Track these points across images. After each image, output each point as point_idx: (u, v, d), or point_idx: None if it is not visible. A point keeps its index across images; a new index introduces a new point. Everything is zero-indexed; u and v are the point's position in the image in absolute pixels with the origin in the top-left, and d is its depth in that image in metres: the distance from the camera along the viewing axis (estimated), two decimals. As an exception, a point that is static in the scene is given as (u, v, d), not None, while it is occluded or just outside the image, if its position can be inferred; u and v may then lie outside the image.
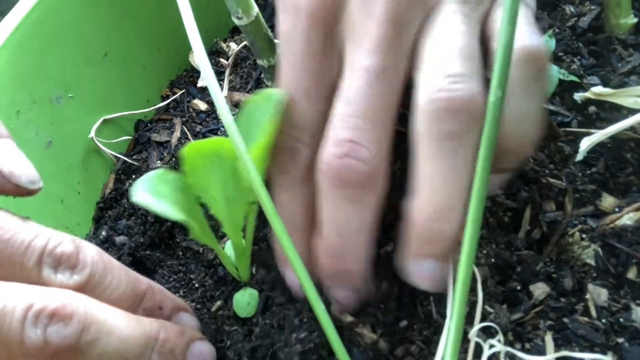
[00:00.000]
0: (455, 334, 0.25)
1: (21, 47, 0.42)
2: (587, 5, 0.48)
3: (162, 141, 0.49)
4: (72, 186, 0.45)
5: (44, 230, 0.28)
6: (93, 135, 0.47)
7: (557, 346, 0.31)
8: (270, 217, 0.29)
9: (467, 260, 0.25)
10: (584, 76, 0.43)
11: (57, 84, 0.45)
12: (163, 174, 0.32)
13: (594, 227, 0.36)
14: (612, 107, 0.40)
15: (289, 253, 0.29)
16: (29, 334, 0.24)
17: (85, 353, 0.25)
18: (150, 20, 0.53)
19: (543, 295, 0.34)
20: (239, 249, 0.35)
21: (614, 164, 0.38)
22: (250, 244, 0.35)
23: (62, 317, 0.25)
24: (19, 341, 0.24)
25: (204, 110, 0.51)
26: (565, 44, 0.45)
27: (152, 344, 0.29)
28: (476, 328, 0.31)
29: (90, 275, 0.29)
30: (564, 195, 0.38)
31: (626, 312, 0.32)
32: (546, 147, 0.40)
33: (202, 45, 0.31)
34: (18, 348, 0.24)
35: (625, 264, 0.33)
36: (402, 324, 0.34)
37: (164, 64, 0.55)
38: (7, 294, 0.25)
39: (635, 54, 0.43)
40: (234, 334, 0.35)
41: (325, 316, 0.28)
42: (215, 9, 0.57)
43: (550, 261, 0.35)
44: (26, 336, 0.24)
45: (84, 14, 0.47)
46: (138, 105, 0.52)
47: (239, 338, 0.34)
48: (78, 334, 0.25)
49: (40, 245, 0.27)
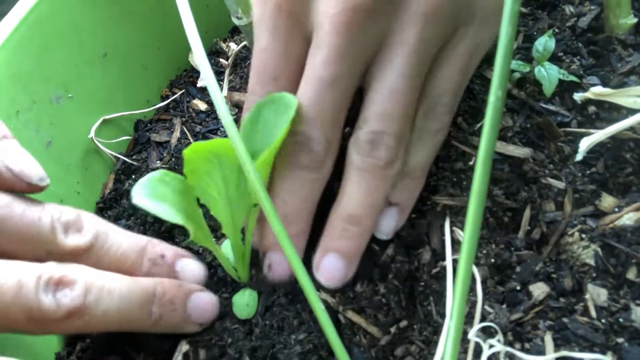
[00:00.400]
0: (455, 334, 0.25)
1: (21, 47, 0.42)
2: (587, 5, 0.48)
3: (162, 141, 0.49)
4: (72, 186, 0.45)
5: (47, 203, 0.32)
6: (93, 136, 0.47)
7: (557, 346, 0.31)
8: (270, 216, 0.29)
9: (466, 260, 0.25)
10: (584, 76, 0.43)
11: (56, 84, 0.45)
12: (163, 176, 0.32)
13: (594, 227, 0.36)
14: (611, 107, 0.40)
15: (286, 248, 0.29)
16: (43, 300, 0.29)
17: (92, 312, 0.30)
18: (150, 20, 0.53)
19: (543, 295, 0.34)
20: (238, 250, 0.35)
21: (614, 164, 0.38)
22: (249, 245, 0.35)
23: (67, 284, 0.30)
24: (37, 307, 0.28)
25: (204, 110, 0.51)
26: (565, 44, 0.45)
27: (150, 298, 0.32)
28: (476, 328, 0.31)
29: (95, 235, 0.33)
30: (563, 195, 0.38)
31: (626, 312, 0.32)
32: (546, 147, 0.40)
33: (202, 45, 0.31)
34: (38, 313, 0.28)
35: (624, 264, 0.33)
36: (402, 324, 0.35)
37: (163, 64, 0.55)
38: (19, 270, 0.29)
39: (634, 54, 0.43)
40: (235, 332, 0.35)
41: (325, 316, 0.28)
42: (215, 9, 0.57)
43: (549, 261, 0.35)
44: (41, 302, 0.28)
45: (83, 14, 0.46)
46: (138, 105, 0.52)
47: (239, 336, 0.34)
48: (83, 295, 0.30)
49: (49, 214, 0.32)
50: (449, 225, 0.37)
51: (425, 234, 0.37)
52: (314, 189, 0.35)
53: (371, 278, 0.36)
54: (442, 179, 0.39)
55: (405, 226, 0.38)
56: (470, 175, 0.38)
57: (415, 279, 0.36)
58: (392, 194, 0.36)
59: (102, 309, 0.30)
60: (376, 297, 0.35)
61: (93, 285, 0.30)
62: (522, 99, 0.43)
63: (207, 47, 0.56)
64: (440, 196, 0.38)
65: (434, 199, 0.38)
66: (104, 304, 0.30)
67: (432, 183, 0.39)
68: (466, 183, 0.39)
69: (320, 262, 0.35)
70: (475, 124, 0.42)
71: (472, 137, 0.41)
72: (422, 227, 0.38)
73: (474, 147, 0.40)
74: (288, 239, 0.29)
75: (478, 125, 0.42)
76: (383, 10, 0.33)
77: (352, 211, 0.34)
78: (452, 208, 0.38)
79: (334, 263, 0.34)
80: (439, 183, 0.39)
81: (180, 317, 0.34)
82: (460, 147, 0.41)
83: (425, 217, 0.38)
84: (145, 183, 0.31)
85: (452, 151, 0.40)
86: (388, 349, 0.34)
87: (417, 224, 0.38)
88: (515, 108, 0.42)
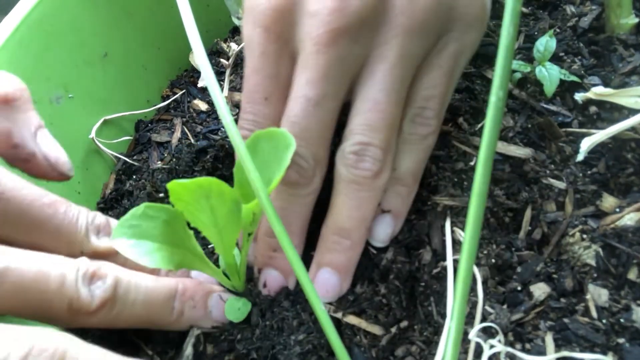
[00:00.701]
0: (456, 334, 0.25)
1: (21, 47, 0.42)
2: (588, 5, 0.48)
3: (163, 141, 0.49)
4: (73, 186, 0.45)
5: (81, 208, 0.35)
6: (93, 136, 0.47)
7: (558, 346, 0.31)
8: (273, 224, 0.29)
9: (467, 260, 0.25)
10: (585, 76, 0.43)
11: (57, 84, 0.45)
12: (146, 210, 0.32)
13: (595, 228, 0.35)
14: (612, 107, 0.40)
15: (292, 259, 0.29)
16: (82, 291, 0.31)
17: (121, 304, 0.32)
18: (150, 21, 0.53)
19: (543, 295, 0.33)
20: (232, 269, 0.35)
21: (615, 164, 0.38)
22: (245, 260, 0.35)
23: (100, 277, 0.32)
24: (77, 297, 0.30)
25: (205, 110, 0.51)
26: (566, 44, 0.45)
27: (172, 293, 0.34)
28: (477, 328, 0.31)
29: None
30: (564, 195, 0.38)
31: (627, 312, 0.32)
32: (547, 147, 0.40)
33: (202, 45, 0.31)
34: (77, 304, 0.30)
35: (625, 265, 0.33)
36: (403, 324, 0.34)
37: (164, 64, 0.55)
38: (62, 263, 0.31)
39: (636, 54, 0.43)
40: (244, 331, 0.35)
41: (325, 316, 0.28)
42: (215, 9, 0.57)
43: (550, 261, 0.35)
44: (80, 292, 0.31)
45: (84, 14, 0.46)
46: (138, 105, 0.52)
47: (247, 335, 0.34)
48: (113, 288, 0.32)
49: (85, 216, 0.35)
50: (449, 226, 0.37)
51: (426, 234, 0.37)
52: (303, 204, 0.36)
53: (372, 278, 0.36)
54: (443, 179, 0.39)
55: (406, 227, 0.38)
56: (471, 175, 0.38)
57: (415, 279, 0.36)
58: (384, 201, 0.37)
59: (130, 301, 0.32)
60: (377, 297, 0.35)
61: (122, 280, 0.32)
62: (523, 99, 0.43)
63: (207, 47, 0.56)
64: (440, 196, 0.38)
65: (435, 199, 0.38)
66: (131, 297, 0.32)
67: (432, 183, 0.39)
68: (467, 183, 0.39)
69: (315, 277, 0.36)
70: (476, 124, 0.42)
71: (473, 137, 0.41)
72: (423, 227, 0.38)
73: (474, 148, 0.40)
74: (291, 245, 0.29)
75: (479, 126, 0.42)
76: (365, 28, 0.34)
77: (342, 224, 0.35)
78: (452, 208, 0.38)
79: (327, 277, 0.35)
80: (439, 183, 0.39)
81: (201, 314, 0.35)
82: (461, 148, 0.41)
83: (425, 217, 0.38)
84: (126, 222, 0.31)
85: (453, 151, 0.40)
86: (388, 349, 0.34)
87: (417, 224, 0.38)
88: (516, 108, 0.42)
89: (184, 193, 0.30)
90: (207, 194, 0.30)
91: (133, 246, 0.31)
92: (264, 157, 0.33)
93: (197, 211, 0.31)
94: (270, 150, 0.33)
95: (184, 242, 0.33)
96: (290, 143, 0.32)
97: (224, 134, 0.47)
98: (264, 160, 0.33)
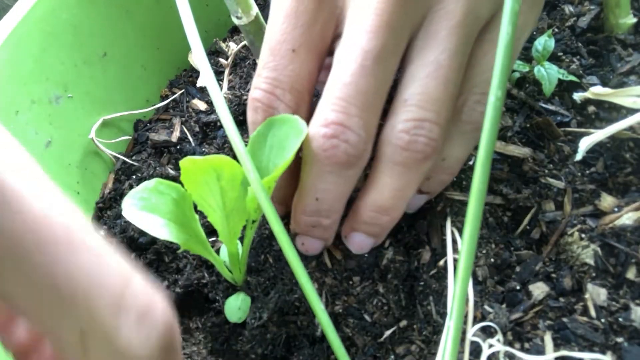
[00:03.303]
0: (455, 333, 0.25)
1: (20, 47, 0.42)
2: (587, 5, 0.48)
3: (162, 141, 0.49)
4: (72, 186, 0.45)
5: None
6: (93, 136, 0.47)
7: (557, 346, 0.31)
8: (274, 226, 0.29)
9: (466, 260, 0.25)
10: (583, 76, 0.43)
11: (56, 84, 0.45)
12: (157, 185, 0.31)
13: (593, 227, 0.36)
14: (611, 107, 0.40)
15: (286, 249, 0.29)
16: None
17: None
18: (149, 20, 0.53)
19: (542, 295, 0.34)
20: (234, 258, 0.35)
21: (613, 163, 0.38)
22: (247, 252, 0.35)
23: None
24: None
25: (204, 110, 0.51)
26: (564, 43, 0.45)
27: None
28: (476, 328, 0.31)
29: None
30: (563, 195, 0.38)
31: (625, 311, 0.32)
32: (545, 146, 0.40)
33: (202, 45, 0.31)
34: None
35: (624, 264, 0.33)
36: (402, 323, 0.35)
37: (163, 64, 0.55)
38: None
39: (634, 53, 0.43)
40: None
41: (325, 316, 0.28)
42: (215, 9, 0.57)
43: (549, 261, 0.35)
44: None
45: (83, 14, 0.46)
46: (137, 105, 0.52)
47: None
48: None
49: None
50: (449, 225, 0.37)
51: (425, 233, 0.37)
52: (350, 184, 0.32)
53: (371, 278, 0.36)
54: (442, 179, 0.39)
55: (405, 226, 0.38)
56: (470, 174, 0.38)
57: (415, 278, 0.36)
58: (426, 185, 0.35)
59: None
60: (376, 296, 0.35)
61: None
62: (521, 98, 0.43)
63: (206, 47, 0.56)
64: (440, 196, 0.38)
65: (434, 199, 0.38)
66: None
67: (431, 183, 0.39)
68: (466, 183, 0.39)
69: (349, 236, 0.35)
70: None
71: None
72: (422, 227, 0.38)
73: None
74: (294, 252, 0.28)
75: (478, 125, 0.42)
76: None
77: (382, 204, 0.32)
78: (452, 208, 0.38)
79: (362, 239, 0.35)
80: (438, 183, 0.39)
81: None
82: (460, 147, 0.41)
83: (425, 217, 0.38)
84: (137, 193, 0.31)
85: (452, 151, 0.40)
86: (388, 349, 0.34)
87: (417, 224, 0.38)
88: (515, 108, 0.43)
89: (195, 171, 0.29)
90: (219, 175, 0.29)
91: (143, 218, 0.30)
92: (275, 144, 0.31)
93: (205, 194, 0.30)
94: (282, 136, 0.31)
95: (190, 224, 0.32)
96: (303, 129, 0.30)
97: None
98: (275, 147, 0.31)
